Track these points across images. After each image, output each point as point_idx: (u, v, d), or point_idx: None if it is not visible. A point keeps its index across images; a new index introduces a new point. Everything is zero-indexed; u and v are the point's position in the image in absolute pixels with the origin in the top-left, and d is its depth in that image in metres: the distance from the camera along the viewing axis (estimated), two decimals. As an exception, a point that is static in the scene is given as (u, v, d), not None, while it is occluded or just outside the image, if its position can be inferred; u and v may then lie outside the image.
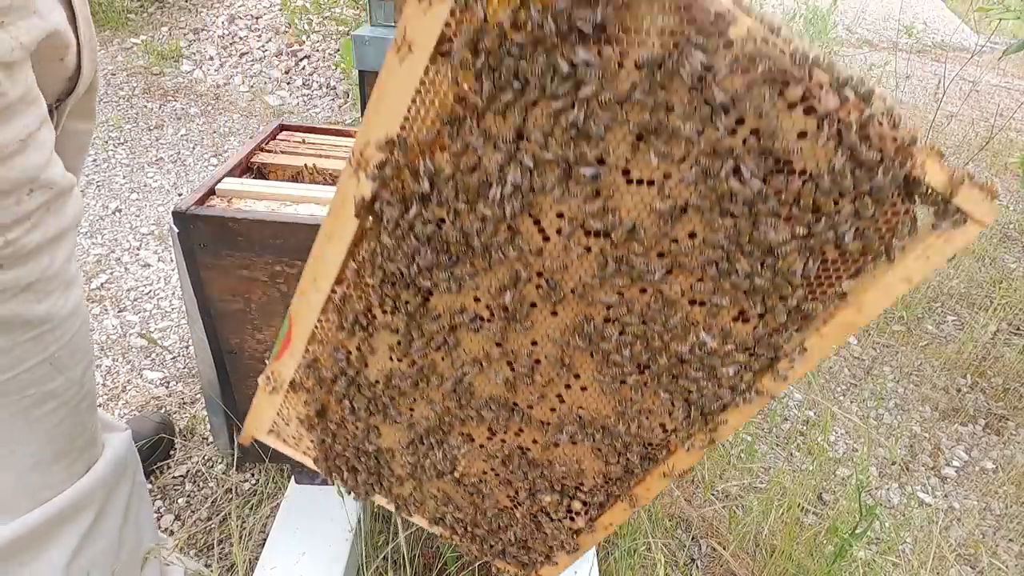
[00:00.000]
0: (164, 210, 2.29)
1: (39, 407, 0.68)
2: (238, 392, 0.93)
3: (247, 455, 1.02)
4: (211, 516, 1.24)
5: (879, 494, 1.53)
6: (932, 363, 2.02)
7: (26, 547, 0.73)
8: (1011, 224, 3.05)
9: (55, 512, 0.74)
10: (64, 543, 0.76)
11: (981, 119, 4.37)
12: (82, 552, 0.77)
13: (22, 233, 0.58)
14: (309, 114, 3.19)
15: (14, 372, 0.64)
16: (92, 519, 0.78)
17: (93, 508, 0.78)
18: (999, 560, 1.39)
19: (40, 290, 0.62)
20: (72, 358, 0.70)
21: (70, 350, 0.69)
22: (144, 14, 3.87)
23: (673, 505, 1.33)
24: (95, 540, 0.79)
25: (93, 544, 0.79)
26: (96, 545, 0.79)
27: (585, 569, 0.99)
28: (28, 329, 0.63)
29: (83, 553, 0.77)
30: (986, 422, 1.82)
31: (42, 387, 0.67)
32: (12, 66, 0.53)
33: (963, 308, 2.33)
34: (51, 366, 0.67)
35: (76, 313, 0.68)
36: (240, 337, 0.87)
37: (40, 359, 0.66)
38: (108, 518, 0.80)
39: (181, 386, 1.55)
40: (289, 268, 0.81)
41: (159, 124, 2.90)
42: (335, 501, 1.05)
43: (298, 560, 0.96)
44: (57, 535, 0.75)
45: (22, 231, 0.58)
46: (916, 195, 0.44)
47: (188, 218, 0.77)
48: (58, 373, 0.68)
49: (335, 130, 1.14)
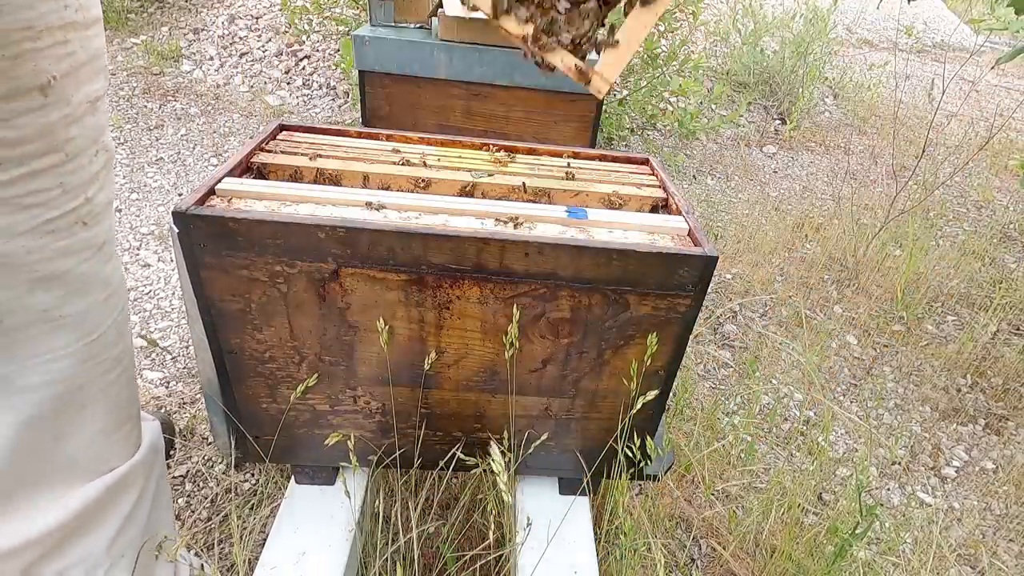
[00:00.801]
0: (164, 210, 2.29)
1: (109, 373, 0.70)
2: (238, 392, 0.93)
3: (247, 455, 1.02)
4: (211, 516, 1.24)
5: (879, 494, 1.53)
6: (932, 363, 2.02)
7: (86, 520, 0.72)
8: (1011, 224, 3.05)
9: (113, 483, 0.73)
10: (110, 522, 0.75)
11: (981, 119, 4.37)
12: (123, 533, 0.77)
13: (95, 192, 0.61)
14: (309, 114, 3.19)
15: (97, 334, 0.66)
16: (134, 500, 0.79)
17: (136, 488, 0.78)
18: (999, 560, 1.39)
19: (108, 252, 0.65)
20: (127, 324, 0.72)
21: (125, 315, 0.72)
22: (144, 14, 3.86)
23: (673, 505, 1.33)
24: (133, 522, 0.79)
25: (132, 526, 0.79)
26: (133, 527, 0.79)
27: (585, 569, 0.99)
28: (103, 289, 0.65)
29: (123, 534, 0.77)
30: (986, 422, 1.82)
31: (110, 352, 0.69)
32: (79, 27, 0.55)
33: (963, 308, 2.33)
34: (116, 331, 0.69)
35: (124, 277, 0.72)
36: (240, 337, 0.87)
37: (110, 322, 0.68)
38: (143, 502, 0.81)
39: (181, 386, 1.55)
40: (289, 268, 0.81)
41: (159, 124, 2.90)
42: (335, 501, 1.05)
43: (298, 560, 0.96)
44: (109, 511, 0.75)
45: (95, 190, 0.61)
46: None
47: (188, 218, 0.77)
48: (120, 339, 0.70)
49: (335, 130, 1.14)
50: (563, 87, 1.72)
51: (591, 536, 1.04)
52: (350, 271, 0.82)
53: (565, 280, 0.83)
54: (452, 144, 1.14)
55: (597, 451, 1.03)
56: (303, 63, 3.47)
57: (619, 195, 1.01)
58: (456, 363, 0.92)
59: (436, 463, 1.01)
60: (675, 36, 3.14)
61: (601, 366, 0.92)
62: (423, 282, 0.83)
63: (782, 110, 4.05)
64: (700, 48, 4.38)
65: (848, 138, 3.97)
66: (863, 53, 5.55)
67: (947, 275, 2.49)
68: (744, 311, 2.17)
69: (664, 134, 3.53)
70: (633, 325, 0.88)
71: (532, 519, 1.03)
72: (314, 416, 0.97)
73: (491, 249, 0.80)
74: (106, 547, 0.75)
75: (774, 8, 4.79)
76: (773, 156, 3.62)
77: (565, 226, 0.89)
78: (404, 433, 1.00)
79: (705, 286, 0.84)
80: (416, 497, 1.06)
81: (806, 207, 3.00)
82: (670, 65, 2.95)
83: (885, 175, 3.46)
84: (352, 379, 0.93)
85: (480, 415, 0.99)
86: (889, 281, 2.38)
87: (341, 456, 1.01)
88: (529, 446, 0.99)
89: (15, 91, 0.53)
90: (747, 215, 2.82)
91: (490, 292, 0.84)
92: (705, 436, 1.50)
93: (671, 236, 0.90)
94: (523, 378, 0.93)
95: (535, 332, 0.88)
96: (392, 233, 0.79)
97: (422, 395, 0.96)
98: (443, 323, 0.87)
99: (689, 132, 3.15)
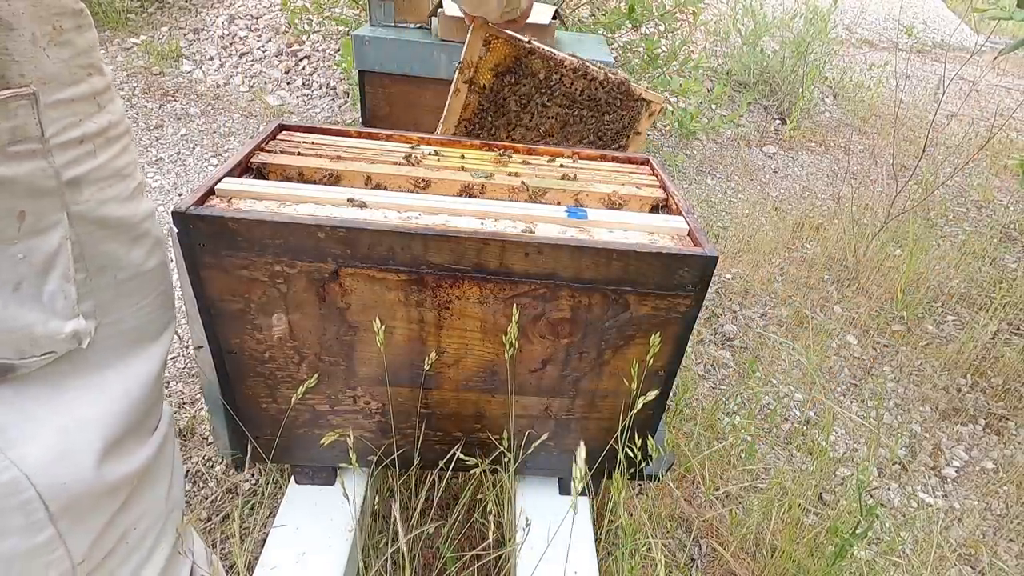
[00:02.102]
0: (164, 210, 2.29)
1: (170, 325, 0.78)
2: (238, 392, 0.93)
3: (247, 455, 1.02)
4: (211, 516, 1.24)
5: (879, 494, 1.53)
6: (932, 363, 2.02)
7: (150, 470, 0.75)
8: (1011, 224, 3.05)
9: (161, 438, 0.77)
10: (163, 476, 0.78)
11: (981, 119, 4.37)
12: (172, 487, 0.80)
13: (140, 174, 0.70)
14: (309, 114, 3.19)
15: (164, 287, 0.75)
16: (172, 455, 0.81)
17: (171, 443, 0.81)
18: (1000, 560, 1.39)
19: (158, 221, 0.73)
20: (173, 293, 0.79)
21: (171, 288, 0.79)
22: (144, 14, 3.86)
23: (673, 505, 1.33)
24: (176, 476, 0.82)
25: (176, 479, 0.82)
26: (176, 481, 0.82)
27: (585, 569, 0.99)
28: (164, 247, 0.74)
29: (172, 488, 0.80)
30: (986, 422, 1.82)
31: (167, 309, 0.76)
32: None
33: (963, 308, 2.33)
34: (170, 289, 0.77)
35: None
36: (240, 337, 0.87)
37: (168, 281, 0.76)
38: (177, 458, 0.84)
39: (181, 386, 1.55)
40: (289, 268, 0.81)
41: (159, 124, 2.90)
42: (335, 501, 1.04)
43: (298, 560, 0.96)
44: (162, 464, 0.78)
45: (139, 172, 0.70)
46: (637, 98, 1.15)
47: (188, 218, 0.77)
48: (172, 296, 0.78)
49: (335, 130, 1.13)
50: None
51: (591, 536, 1.04)
52: (350, 271, 0.82)
53: (565, 280, 0.83)
54: (452, 144, 1.14)
55: (597, 451, 1.03)
56: (303, 63, 3.47)
57: (619, 195, 1.01)
58: (456, 363, 0.92)
59: (436, 463, 1.01)
60: (675, 36, 3.14)
61: (601, 366, 0.92)
62: (423, 282, 0.83)
63: (782, 110, 4.05)
64: (700, 48, 4.38)
65: (848, 138, 3.96)
66: (863, 53, 5.55)
67: (947, 275, 2.49)
68: (744, 311, 2.17)
69: (664, 134, 3.53)
70: (633, 325, 0.88)
71: (532, 519, 1.03)
72: (314, 416, 0.97)
73: (491, 249, 0.80)
74: (164, 500, 0.78)
75: (774, 8, 4.79)
76: (773, 156, 3.62)
77: (565, 226, 0.89)
78: (404, 433, 1.00)
79: (705, 286, 0.84)
80: (416, 497, 1.06)
81: (806, 207, 3.00)
82: (670, 65, 2.95)
83: (885, 175, 3.46)
84: (352, 379, 0.93)
85: (480, 415, 0.99)
86: (889, 281, 2.38)
87: (341, 456, 1.01)
88: (529, 446, 0.99)
89: (108, 85, 0.63)
90: (747, 215, 2.82)
91: (490, 292, 0.84)
92: (705, 436, 1.50)
93: (671, 236, 0.90)
94: (523, 378, 0.93)
95: (535, 332, 0.88)
96: (392, 233, 0.79)
97: (422, 395, 0.96)
98: (443, 323, 0.87)
99: (689, 132, 3.15)
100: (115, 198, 0.64)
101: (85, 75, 0.60)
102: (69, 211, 0.59)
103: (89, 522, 0.66)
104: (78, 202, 0.60)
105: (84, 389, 0.65)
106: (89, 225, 0.61)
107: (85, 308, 0.63)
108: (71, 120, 0.58)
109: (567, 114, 1.19)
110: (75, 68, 0.59)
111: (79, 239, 0.61)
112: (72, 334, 0.61)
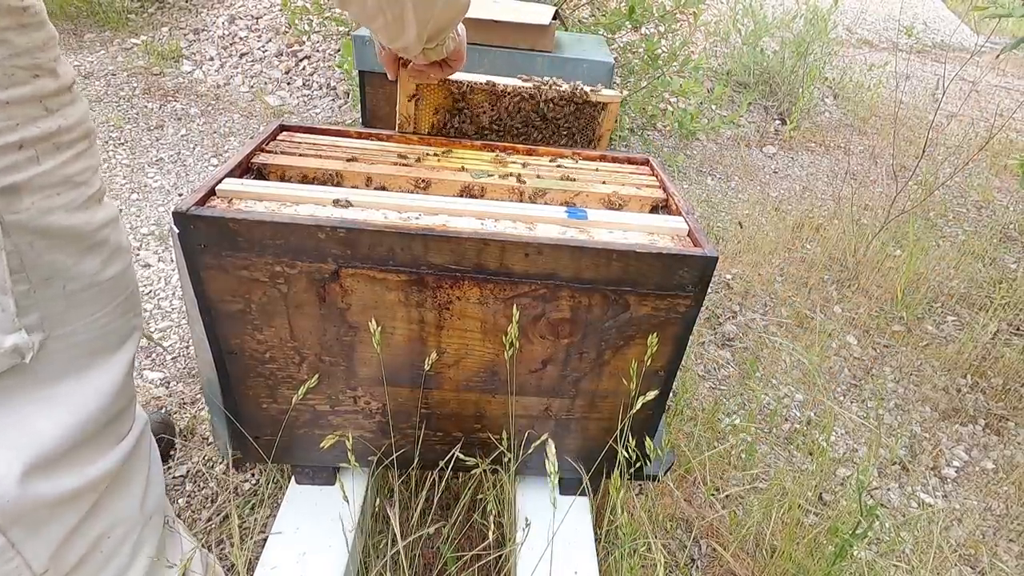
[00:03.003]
0: (164, 210, 2.29)
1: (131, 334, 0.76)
2: (238, 392, 0.93)
3: (247, 455, 1.02)
4: (211, 516, 1.24)
5: (879, 494, 1.53)
6: (932, 363, 2.02)
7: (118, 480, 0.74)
8: (1011, 224, 3.05)
9: (130, 447, 0.76)
10: (136, 484, 0.78)
11: (981, 119, 4.37)
12: (148, 494, 0.79)
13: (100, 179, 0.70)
14: (309, 114, 3.19)
15: (124, 296, 0.73)
16: (148, 463, 0.81)
17: (146, 451, 0.81)
18: (1000, 560, 1.39)
19: (120, 224, 0.72)
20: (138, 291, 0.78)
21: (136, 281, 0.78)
22: (144, 14, 3.87)
23: (673, 505, 1.33)
24: (152, 484, 0.81)
25: (151, 488, 0.81)
26: (152, 489, 0.81)
27: (585, 569, 0.99)
28: (126, 256, 0.73)
29: (148, 496, 0.80)
30: (986, 422, 1.82)
31: (130, 317, 0.75)
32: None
33: (963, 308, 2.33)
34: (136, 294, 0.77)
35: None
36: (240, 337, 0.87)
37: (133, 287, 0.75)
38: (154, 465, 0.84)
39: (181, 386, 1.55)
40: (289, 268, 0.81)
41: (159, 124, 2.90)
42: (335, 501, 1.05)
43: (298, 560, 0.96)
44: (134, 473, 0.77)
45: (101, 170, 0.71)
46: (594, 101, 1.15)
47: (188, 218, 0.77)
48: (137, 303, 0.77)
49: (335, 130, 1.14)
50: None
51: (591, 536, 1.04)
52: (350, 271, 0.82)
53: (565, 280, 0.83)
54: (452, 144, 1.14)
55: (597, 451, 1.03)
56: (303, 63, 3.47)
57: (619, 195, 1.01)
58: (456, 363, 0.92)
59: (436, 463, 1.01)
60: (675, 37, 3.14)
61: (601, 366, 0.92)
62: (423, 282, 0.83)
63: (782, 110, 4.05)
64: (700, 48, 4.38)
65: (848, 138, 3.97)
66: (863, 53, 5.55)
67: (947, 275, 2.49)
68: (744, 311, 2.17)
69: (664, 134, 3.53)
70: (633, 325, 0.88)
71: (532, 519, 1.03)
72: (314, 416, 0.97)
73: (491, 249, 0.80)
74: (139, 507, 0.77)
75: (774, 8, 4.79)
76: (773, 156, 3.62)
77: (565, 226, 0.89)
78: (404, 433, 1.00)
79: (705, 286, 0.84)
80: (416, 497, 1.06)
81: (806, 207, 3.00)
82: (670, 65, 2.95)
83: (885, 175, 3.46)
84: (352, 379, 0.93)
85: (480, 415, 0.99)
86: (889, 281, 2.38)
87: (341, 456, 1.01)
88: (529, 446, 0.99)
89: (61, 88, 0.61)
90: (747, 215, 2.82)
91: (490, 292, 0.84)
92: (705, 436, 1.50)
93: (671, 236, 0.90)
94: (523, 378, 0.93)
95: (535, 332, 0.88)
96: (392, 234, 0.79)
97: (422, 395, 0.96)
98: (443, 323, 0.87)
99: (689, 132, 3.15)
100: (64, 207, 0.61)
101: (27, 77, 0.57)
102: (3, 220, 0.56)
103: (46, 532, 0.65)
104: (17, 210, 0.57)
105: (32, 404, 0.64)
106: (30, 235, 0.59)
107: (29, 321, 0.61)
108: (6, 124, 0.55)
109: (528, 131, 1.18)
110: (12, 69, 0.56)
111: (17, 249, 0.58)
112: (12, 349, 0.59)
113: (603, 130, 1.20)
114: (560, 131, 1.19)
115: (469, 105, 1.14)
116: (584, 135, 1.20)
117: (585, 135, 1.20)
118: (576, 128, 1.19)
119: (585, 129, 1.19)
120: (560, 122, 1.18)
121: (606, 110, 1.17)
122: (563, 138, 1.20)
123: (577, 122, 1.18)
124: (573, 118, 1.17)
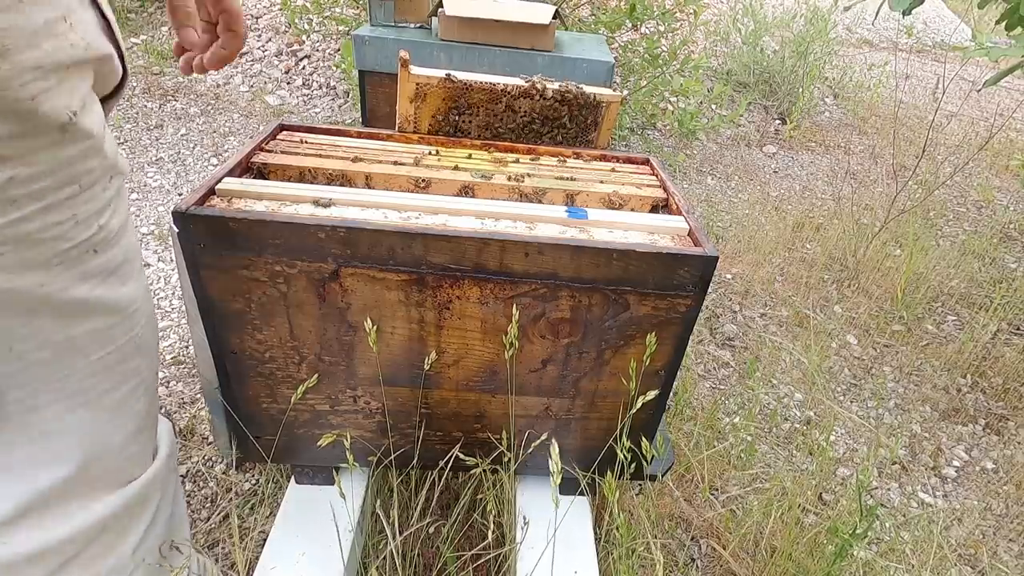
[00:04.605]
0: (164, 210, 2.29)
1: (122, 385, 0.70)
2: (238, 392, 0.93)
3: (247, 455, 1.02)
4: (211, 516, 1.24)
5: (879, 494, 1.53)
6: (932, 363, 2.02)
7: (110, 529, 0.72)
8: (1011, 224, 3.05)
9: (133, 495, 0.73)
10: (133, 532, 0.75)
11: (981, 119, 4.37)
12: (144, 540, 0.77)
13: (108, 218, 0.61)
14: (309, 114, 3.19)
15: (108, 350, 0.65)
16: (154, 509, 0.78)
17: (155, 498, 0.78)
18: (999, 560, 1.39)
19: (124, 273, 0.65)
20: (152, 336, 0.72)
21: (151, 328, 0.72)
22: (144, 14, 3.87)
23: (673, 505, 1.33)
24: (153, 530, 0.79)
25: (152, 534, 0.79)
26: (155, 531, 0.80)
27: (585, 569, 0.99)
28: (115, 312, 0.65)
29: (145, 542, 0.77)
30: (986, 422, 1.82)
31: (126, 365, 0.69)
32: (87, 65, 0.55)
33: (963, 308, 2.33)
34: (134, 345, 0.69)
35: (148, 291, 0.71)
36: (240, 337, 0.87)
37: (125, 339, 0.67)
38: (162, 510, 0.81)
39: (181, 386, 1.55)
40: (289, 268, 0.81)
41: (159, 124, 2.90)
42: (335, 501, 1.05)
43: (298, 560, 0.96)
44: (132, 521, 0.75)
45: (108, 216, 0.61)
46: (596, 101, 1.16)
47: (188, 218, 0.77)
48: (137, 352, 0.70)
49: (335, 130, 1.14)
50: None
51: (591, 536, 1.04)
52: (350, 271, 0.82)
53: (565, 280, 0.83)
54: (452, 144, 1.14)
55: (597, 451, 1.03)
56: (303, 63, 3.47)
57: (619, 195, 1.01)
58: (456, 363, 0.92)
59: (436, 463, 1.01)
60: (676, 36, 3.14)
61: (601, 366, 0.92)
62: (423, 282, 0.83)
63: (782, 110, 4.05)
64: (700, 48, 4.38)
65: (848, 138, 3.96)
66: (863, 53, 5.55)
67: (947, 275, 2.49)
68: (744, 311, 2.17)
69: (664, 134, 3.53)
70: (633, 325, 0.88)
71: (532, 519, 1.03)
72: (314, 416, 0.97)
73: (491, 249, 0.80)
74: (130, 554, 0.75)
75: (774, 8, 4.79)
76: (773, 156, 3.61)
77: (565, 226, 0.89)
78: (404, 433, 1.00)
79: (705, 286, 0.84)
80: (416, 497, 1.06)
81: (806, 207, 3.00)
82: (670, 65, 2.95)
83: (885, 175, 3.46)
84: (352, 379, 0.93)
85: (480, 415, 0.99)
86: (889, 281, 2.38)
87: (341, 456, 1.01)
88: (529, 446, 0.99)
89: (32, 130, 0.51)
90: (747, 215, 2.82)
91: (490, 292, 0.84)
92: (705, 436, 1.50)
93: (671, 236, 0.90)
94: (523, 378, 0.93)
95: (535, 332, 0.88)
96: (392, 233, 0.79)
97: (422, 395, 0.96)
98: (443, 323, 0.87)
99: (689, 132, 3.15)
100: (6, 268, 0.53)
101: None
102: None
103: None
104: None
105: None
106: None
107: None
108: None
109: (528, 130, 1.18)
110: None
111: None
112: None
113: (603, 130, 1.20)
114: (560, 130, 1.19)
115: (469, 105, 1.14)
116: (584, 135, 1.20)
117: (585, 135, 1.20)
118: (576, 128, 1.19)
119: (585, 129, 1.20)
120: (560, 122, 1.18)
121: (606, 110, 1.17)
122: (563, 137, 1.20)
123: (577, 122, 1.19)
124: (573, 117, 1.18)
